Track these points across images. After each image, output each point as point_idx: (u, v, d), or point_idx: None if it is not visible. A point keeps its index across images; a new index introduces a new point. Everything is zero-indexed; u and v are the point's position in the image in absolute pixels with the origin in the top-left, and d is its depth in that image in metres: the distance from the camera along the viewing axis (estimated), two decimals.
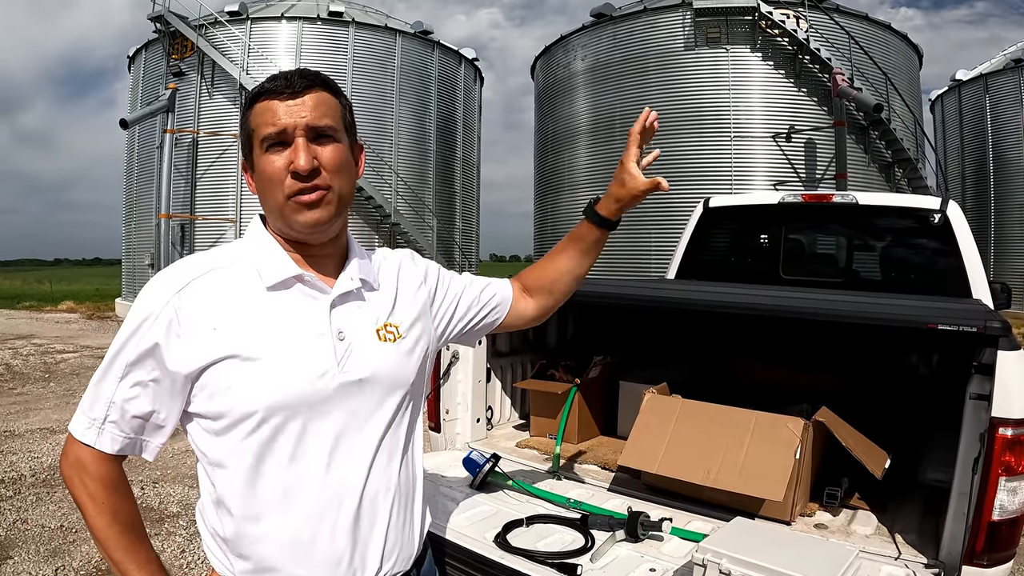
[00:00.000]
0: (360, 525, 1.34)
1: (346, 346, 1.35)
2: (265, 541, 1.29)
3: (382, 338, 1.42)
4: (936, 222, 4.40)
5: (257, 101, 1.34)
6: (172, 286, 1.29)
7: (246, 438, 1.27)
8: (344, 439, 1.33)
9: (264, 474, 1.28)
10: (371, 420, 1.37)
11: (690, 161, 18.76)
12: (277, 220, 1.37)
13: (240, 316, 1.29)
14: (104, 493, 1.31)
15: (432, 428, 3.22)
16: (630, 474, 2.74)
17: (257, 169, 1.34)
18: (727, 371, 3.34)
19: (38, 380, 10.32)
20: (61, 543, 4.34)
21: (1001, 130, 24.13)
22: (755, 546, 1.82)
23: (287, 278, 1.35)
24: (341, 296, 1.39)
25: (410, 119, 23.07)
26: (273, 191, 1.32)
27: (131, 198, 23.88)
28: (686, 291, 3.30)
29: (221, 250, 1.40)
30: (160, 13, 21.36)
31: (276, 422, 1.27)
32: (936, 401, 2.75)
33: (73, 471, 1.32)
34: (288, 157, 1.30)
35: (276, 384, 1.27)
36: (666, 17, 19.63)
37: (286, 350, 1.29)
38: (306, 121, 1.31)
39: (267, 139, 1.31)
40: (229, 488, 1.30)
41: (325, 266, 1.42)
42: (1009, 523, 1.96)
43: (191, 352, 1.26)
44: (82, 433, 1.31)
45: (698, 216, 5.27)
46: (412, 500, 1.47)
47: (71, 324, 19.12)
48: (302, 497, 1.29)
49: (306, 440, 1.29)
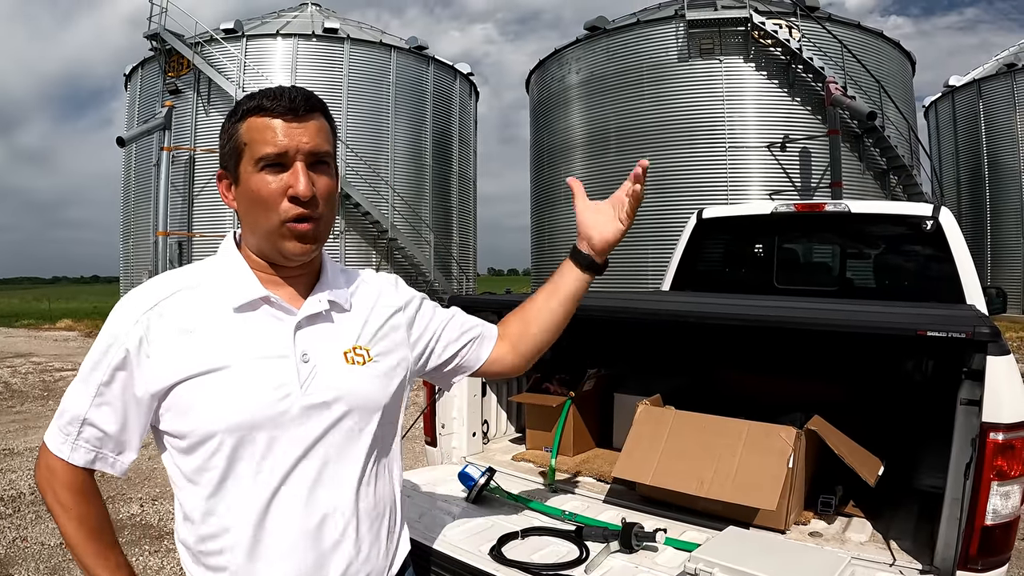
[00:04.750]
0: (322, 546, 1.33)
1: (310, 368, 1.34)
2: (228, 555, 1.30)
3: (350, 361, 1.40)
4: (929, 229, 4.41)
5: (254, 115, 1.31)
6: (142, 305, 1.30)
7: (211, 457, 1.28)
8: (308, 461, 1.32)
9: (228, 491, 1.29)
10: (337, 443, 1.35)
11: (684, 171, 18.84)
12: (263, 242, 1.36)
13: (205, 336, 1.29)
14: (72, 500, 1.34)
15: (428, 442, 3.22)
16: (625, 485, 2.74)
17: (246, 186, 1.32)
18: (720, 382, 3.34)
19: (36, 398, 10.31)
20: (61, 560, 4.33)
21: (995, 135, 24.24)
22: (748, 555, 1.83)
23: (254, 299, 1.34)
24: (308, 318, 1.38)
25: (406, 134, 23.15)
26: (266, 213, 1.31)
27: (128, 216, 23.94)
28: (680, 303, 3.31)
29: (191, 269, 1.40)
30: (156, 31, 21.49)
31: (237, 443, 1.27)
32: (929, 408, 2.75)
33: (44, 479, 1.36)
34: (286, 181, 1.29)
35: (237, 405, 1.27)
36: (659, 29, 19.76)
37: (248, 371, 1.29)
38: (308, 147, 1.30)
39: (265, 158, 1.29)
40: (196, 503, 1.31)
41: (296, 286, 1.41)
42: (1003, 527, 1.96)
43: (157, 371, 1.27)
44: (56, 447, 1.33)
45: (692, 227, 5.29)
46: (382, 522, 1.45)
47: (69, 342, 19.11)
48: (267, 516, 1.29)
49: (269, 461, 1.29)
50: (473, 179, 27.47)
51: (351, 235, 21.69)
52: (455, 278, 24.97)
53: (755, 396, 2.92)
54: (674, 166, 18.90)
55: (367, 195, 21.21)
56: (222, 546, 1.30)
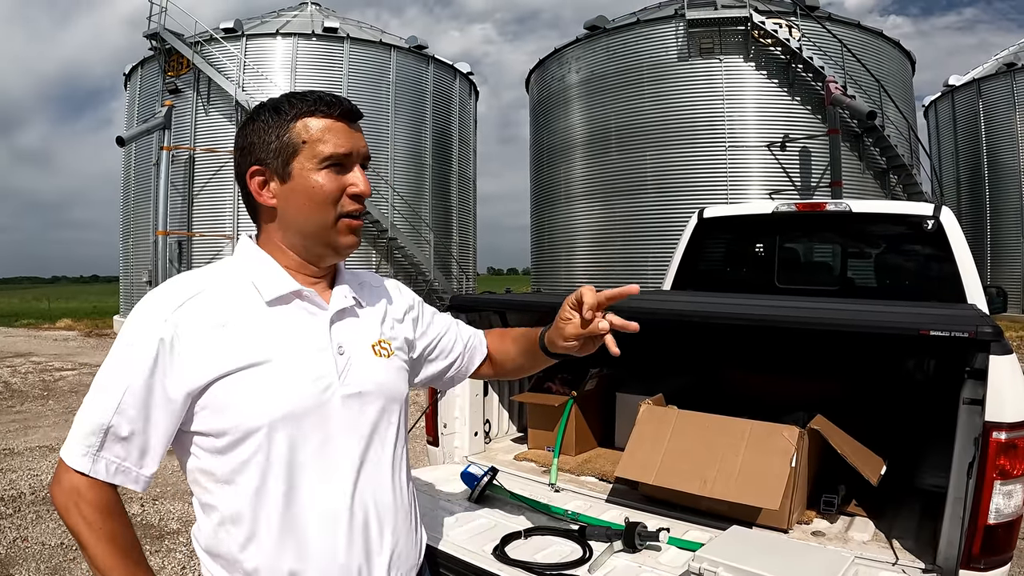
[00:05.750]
0: (370, 536, 1.36)
1: (346, 360, 1.38)
2: (276, 555, 1.29)
3: (377, 353, 1.45)
4: (930, 228, 4.41)
5: (312, 116, 1.36)
6: (170, 304, 1.28)
7: (253, 453, 1.27)
8: (351, 451, 1.35)
9: (271, 489, 1.28)
10: (375, 433, 1.39)
11: (684, 170, 18.82)
12: (311, 239, 1.39)
13: (241, 331, 1.29)
14: (101, 519, 1.26)
15: (430, 442, 3.22)
16: (628, 485, 2.74)
17: (303, 182, 1.35)
18: (723, 381, 3.35)
19: (37, 398, 10.31)
20: (61, 560, 4.34)
21: (995, 134, 24.22)
22: (751, 554, 1.83)
23: (286, 293, 1.36)
24: (339, 312, 1.41)
25: (406, 134, 23.13)
26: (325, 209, 1.36)
27: (128, 215, 23.90)
28: (681, 302, 3.31)
29: (212, 269, 1.40)
30: (156, 31, 21.45)
31: (281, 435, 1.28)
32: (932, 407, 2.76)
33: (68, 499, 1.26)
34: (349, 179, 1.38)
35: (282, 397, 1.28)
36: (659, 28, 19.73)
37: (290, 363, 1.31)
38: (365, 151, 1.41)
39: (331, 158, 1.35)
40: (236, 504, 1.29)
41: (319, 283, 1.44)
42: (1005, 526, 1.96)
43: (193, 369, 1.25)
44: (77, 461, 1.25)
45: (693, 227, 5.29)
46: (413, 511, 1.50)
47: (69, 342, 19.11)
48: (313, 509, 1.30)
49: (312, 452, 1.31)
50: (473, 178, 27.45)
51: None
52: (455, 277, 24.95)
53: (758, 396, 2.92)
54: (674, 165, 18.88)
55: None
56: (266, 545, 1.28)
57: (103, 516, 1.26)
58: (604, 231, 20.06)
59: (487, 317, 3.29)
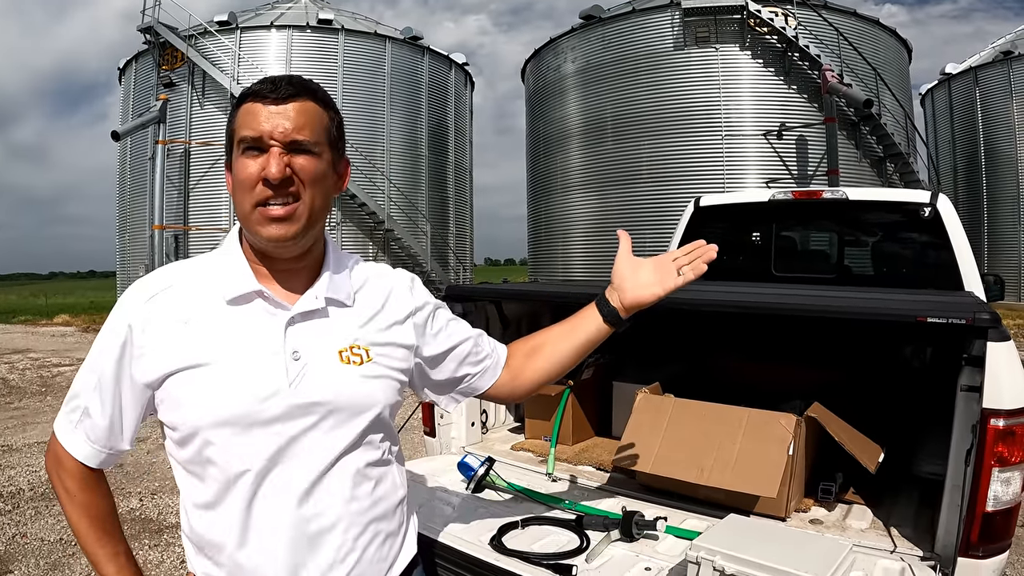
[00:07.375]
0: (318, 552, 1.30)
1: (301, 366, 1.30)
2: (220, 549, 1.29)
3: (345, 360, 1.35)
4: (926, 216, 4.40)
5: (243, 102, 1.31)
6: (144, 294, 1.32)
7: (200, 451, 1.28)
8: (293, 461, 1.28)
9: (218, 487, 1.28)
10: (327, 444, 1.31)
11: (681, 160, 18.82)
12: (244, 227, 1.34)
13: (199, 329, 1.28)
14: (77, 487, 1.36)
15: (427, 433, 3.22)
16: (625, 474, 2.74)
17: (234, 171, 1.32)
18: (720, 369, 3.34)
19: (35, 394, 10.30)
20: (60, 556, 4.33)
21: (992, 122, 24.23)
22: (748, 543, 1.82)
23: (247, 292, 1.32)
24: (302, 314, 1.34)
25: (402, 125, 23.10)
26: (242, 196, 1.29)
27: (124, 210, 23.87)
28: (678, 291, 3.30)
29: (193, 261, 1.40)
30: (150, 24, 21.38)
31: (223, 440, 1.26)
32: (929, 394, 2.75)
33: (52, 465, 1.39)
34: (261, 163, 1.26)
35: (217, 401, 1.25)
36: (655, 18, 19.69)
37: (233, 367, 1.27)
38: (283, 130, 1.27)
39: (243, 141, 1.28)
40: (193, 494, 1.32)
41: (294, 280, 1.38)
42: (1003, 514, 1.96)
43: (153, 360, 1.28)
44: (61, 434, 1.36)
45: (689, 215, 5.28)
46: (377, 526, 1.40)
47: (67, 337, 19.07)
48: (250, 515, 1.27)
49: (262, 462, 1.27)
50: (469, 169, 27.43)
51: (347, 226, 21.66)
52: (452, 268, 24.96)
53: (755, 384, 2.91)
54: (671, 154, 18.88)
55: (363, 186, 21.15)
56: (215, 539, 1.30)
57: (80, 485, 1.37)
58: (601, 220, 20.06)
59: (483, 307, 3.28)
